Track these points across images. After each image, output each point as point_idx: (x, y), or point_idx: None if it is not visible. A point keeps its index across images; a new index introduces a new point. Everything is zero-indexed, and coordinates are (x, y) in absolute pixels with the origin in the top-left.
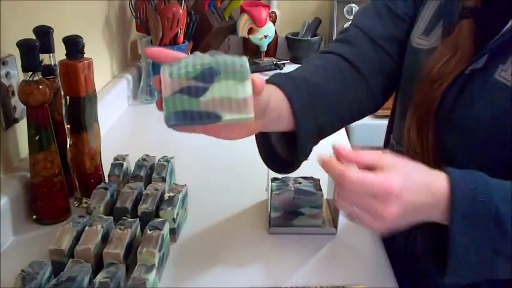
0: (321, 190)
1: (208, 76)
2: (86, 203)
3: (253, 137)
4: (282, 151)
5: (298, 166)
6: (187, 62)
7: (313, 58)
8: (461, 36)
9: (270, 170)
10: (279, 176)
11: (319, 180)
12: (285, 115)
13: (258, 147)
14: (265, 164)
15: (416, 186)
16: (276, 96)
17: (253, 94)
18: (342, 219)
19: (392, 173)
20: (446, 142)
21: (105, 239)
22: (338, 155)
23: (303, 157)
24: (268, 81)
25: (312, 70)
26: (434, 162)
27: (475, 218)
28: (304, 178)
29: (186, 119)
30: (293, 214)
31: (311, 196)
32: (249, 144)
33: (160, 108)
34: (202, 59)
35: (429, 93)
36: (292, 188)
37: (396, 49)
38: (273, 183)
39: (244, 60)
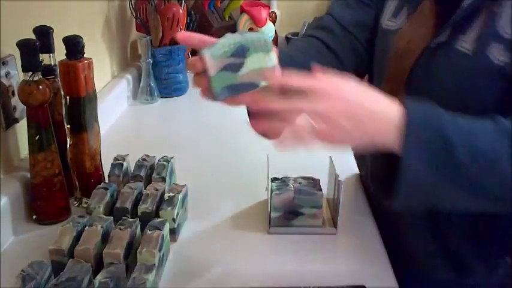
0: (321, 190)
1: (241, 52)
2: (86, 203)
3: (253, 137)
4: None
5: None
6: (222, 44)
7: (297, 40)
8: (424, 15)
9: (270, 170)
10: (279, 176)
11: (319, 180)
12: None
13: None
14: None
15: (364, 91)
16: None
17: None
18: (341, 219)
19: (333, 77)
20: None
21: (105, 239)
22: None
23: None
24: None
25: (296, 49)
26: None
27: (426, 142)
28: (304, 178)
29: (232, 91)
30: (293, 214)
31: (311, 196)
32: (249, 144)
33: (205, 93)
34: (233, 39)
35: (399, 67)
36: (292, 188)
37: (365, 34)
38: (273, 183)
39: (266, 35)
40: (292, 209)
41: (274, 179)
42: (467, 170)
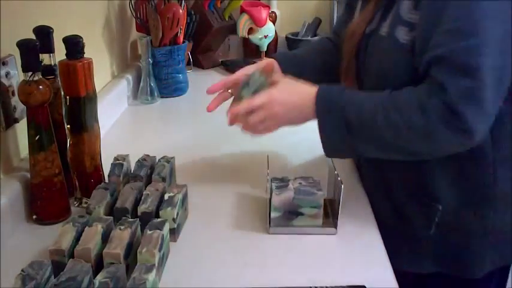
0: (321, 190)
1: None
2: (86, 203)
3: (253, 138)
4: None
5: None
6: (245, 85)
7: (314, 41)
8: (367, 9)
9: (270, 170)
10: (279, 175)
11: (319, 180)
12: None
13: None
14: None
15: (289, 92)
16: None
17: (267, 73)
18: (341, 219)
19: (271, 90)
20: (366, 83)
21: (105, 239)
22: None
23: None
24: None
25: (302, 49)
26: None
27: (328, 111)
28: (304, 178)
29: None
30: (293, 214)
31: (311, 196)
32: (249, 145)
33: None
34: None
35: (348, 48)
36: (292, 188)
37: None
38: (273, 183)
39: (261, 77)
40: (292, 209)
41: (274, 179)
42: (362, 132)
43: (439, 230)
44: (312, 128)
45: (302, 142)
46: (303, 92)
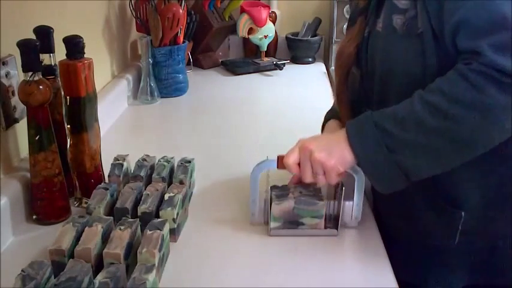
0: (322, 199)
1: None
2: (86, 203)
3: (253, 138)
4: None
5: None
6: None
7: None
8: (355, 27)
9: (270, 170)
10: (279, 184)
11: (320, 189)
12: None
13: None
14: None
15: (323, 138)
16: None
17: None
18: (342, 220)
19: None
20: (368, 92)
21: (105, 239)
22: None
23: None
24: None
25: None
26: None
27: (363, 132)
28: (305, 186)
29: None
30: (293, 224)
31: (312, 206)
32: (250, 145)
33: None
34: None
35: (340, 63)
36: (293, 198)
37: None
38: (272, 192)
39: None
40: (292, 219)
41: (273, 188)
42: (404, 136)
43: (465, 238)
44: (311, 129)
45: None
46: (335, 132)
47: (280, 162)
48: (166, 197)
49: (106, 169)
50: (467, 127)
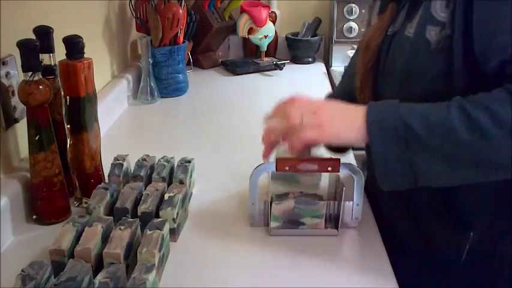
0: (322, 199)
1: None
2: (86, 203)
3: (253, 138)
4: None
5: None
6: None
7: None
8: (387, 12)
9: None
10: (279, 184)
11: (319, 187)
12: None
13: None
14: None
15: (336, 104)
16: None
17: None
18: (342, 220)
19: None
20: (384, 91)
21: (105, 239)
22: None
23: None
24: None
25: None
26: None
27: (387, 127)
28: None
29: None
30: (293, 224)
31: (312, 206)
32: (250, 145)
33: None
34: None
35: (363, 60)
36: (293, 197)
37: None
38: (273, 193)
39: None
40: (292, 219)
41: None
42: (429, 141)
43: (471, 257)
44: None
45: None
46: (350, 109)
47: (279, 165)
48: (166, 196)
49: (106, 169)
50: (502, 151)
